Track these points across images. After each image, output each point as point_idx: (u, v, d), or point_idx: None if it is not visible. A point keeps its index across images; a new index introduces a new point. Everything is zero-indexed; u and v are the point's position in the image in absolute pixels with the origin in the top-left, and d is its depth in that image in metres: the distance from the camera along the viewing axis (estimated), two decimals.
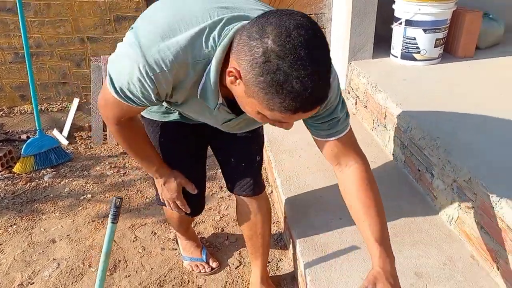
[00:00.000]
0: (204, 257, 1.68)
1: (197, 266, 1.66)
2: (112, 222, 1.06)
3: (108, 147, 2.60)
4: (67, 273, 1.67)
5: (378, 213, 1.01)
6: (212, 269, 1.67)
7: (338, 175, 1.10)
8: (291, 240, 1.64)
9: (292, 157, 2.03)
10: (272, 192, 2.13)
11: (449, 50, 2.52)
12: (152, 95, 0.88)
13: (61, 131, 2.63)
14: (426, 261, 1.39)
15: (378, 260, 0.96)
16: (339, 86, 1.03)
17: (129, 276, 1.66)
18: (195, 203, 1.39)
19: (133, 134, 1.15)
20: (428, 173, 1.66)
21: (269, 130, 2.28)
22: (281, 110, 0.76)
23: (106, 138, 2.66)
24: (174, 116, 1.22)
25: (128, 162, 2.46)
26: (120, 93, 0.91)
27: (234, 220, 1.96)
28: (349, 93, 2.57)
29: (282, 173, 1.90)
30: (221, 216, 2.00)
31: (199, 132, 1.28)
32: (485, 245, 1.34)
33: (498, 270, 1.29)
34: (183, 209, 1.36)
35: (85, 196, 2.13)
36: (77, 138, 2.66)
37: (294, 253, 1.56)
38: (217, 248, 1.80)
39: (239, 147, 1.33)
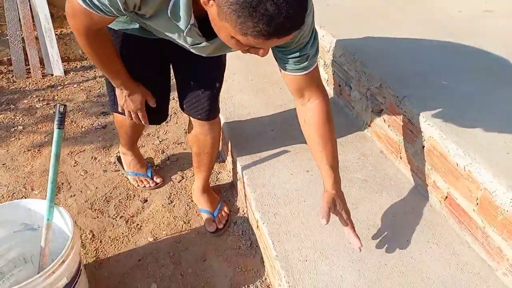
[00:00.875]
0: (149, 173, 1.75)
1: (142, 181, 1.73)
2: (58, 128, 1.07)
3: (33, 81, 2.45)
4: (9, 197, 1.65)
5: (333, 146, 1.13)
6: (156, 184, 1.74)
7: (299, 108, 1.15)
8: (229, 152, 1.76)
9: (226, 81, 2.09)
10: None
11: None
12: (120, 3, 0.85)
13: None
14: (343, 157, 1.59)
15: (332, 184, 1.12)
16: (314, 22, 1.01)
17: (74, 195, 1.69)
18: (157, 112, 1.40)
19: (102, 47, 1.11)
20: (347, 86, 1.84)
21: None
22: (254, 34, 0.71)
23: (30, 72, 2.49)
24: (135, 26, 1.18)
25: (57, 95, 2.35)
26: (88, 0, 0.87)
27: (173, 143, 2.03)
28: None
29: None
30: (161, 140, 2.05)
31: (161, 47, 1.24)
32: (391, 140, 1.57)
33: (401, 159, 1.53)
34: (143, 122, 1.37)
35: (15, 128, 2.04)
36: None
37: (233, 161, 1.69)
38: (160, 167, 1.87)
39: (201, 71, 1.31)
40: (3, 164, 1.81)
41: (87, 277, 1.30)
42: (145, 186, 1.72)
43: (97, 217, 1.59)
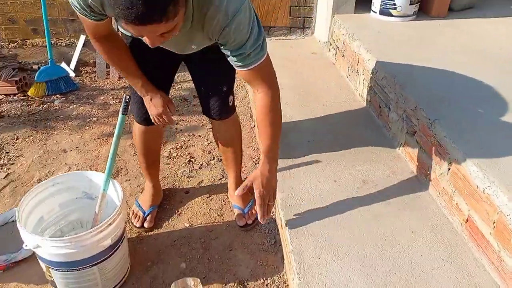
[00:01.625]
0: (147, 212, 1.66)
1: (136, 215, 1.66)
2: (122, 114, 1.27)
3: (111, 81, 2.79)
4: None
5: (268, 134, 1.23)
6: (141, 226, 1.63)
7: (253, 97, 1.27)
8: None
9: None
10: (255, 126, 2.35)
11: (424, 9, 2.69)
12: (84, 6, 1.02)
13: (68, 64, 2.79)
14: (373, 173, 1.64)
15: (261, 165, 1.25)
16: (252, 25, 1.07)
17: (129, 180, 1.91)
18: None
19: (113, 50, 1.24)
20: (387, 108, 1.89)
21: None
22: (119, 18, 0.82)
23: (109, 74, 2.84)
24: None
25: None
26: (77, 6, 1.04)
27: None
28: (330, 44, 2.74)
29: None
30: (209, 142, 2.23)
31: (169, 54, 1.30)
32: (421, 161, 1.59)
33: (429, 180, 1.54)
34: (170, 122, 1.42)
35: (91, 119, 2.35)
36: (82, 72, 2.84)
37: None
38: (205, 165, 2.04)
39: (208, 76, 1.43)
40: (76, 147, 2.10)
41: (128, 247, 1.48)
42: (132, 223, 1.65)
43: None
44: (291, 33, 3.01)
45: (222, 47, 1.12)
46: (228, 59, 1.15)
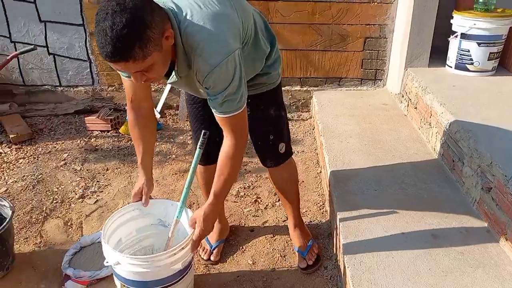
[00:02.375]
0: (213, 246, 1.80)
1: (203, 247, 1.80)
2: (199, 148, 1.42)
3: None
4: None
5: (224, 179, 1.31)
6: (208, 259, 1.76)
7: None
8: (331, 203, 1.94)
9: (341, 142, 2.32)
10: (321, 172, 2.43)
11: (504, 64, 2.64)
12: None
13: (155, 107, 3.16)
14: (444, 228, 1.61)
15: (206, 205, 1.35)
16: (233, 79, 1.16)
17: None
18: (208, 151, 1.54)
19: (140, 127, 1.42)
20: (460, 162, 1.86)
21: (324, 120, 2.59)
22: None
23: None
24: None
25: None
26: None
27: None
28: (402, 96, 2.79)
29: (330, 153, 2.20)
30: None
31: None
32: (497, 220, 1.53)
33: (506, 240, 1.48)
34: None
35: (170, 156, 2.61)
36: (166, 114, 3.18)
37: (333, 212, 1.86)
38: (271, 206, 2.14)
39: (255, 127, 1.49)
40: (156, 181, 2.34)
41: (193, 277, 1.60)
42: (200, 255, 1.78)
43: None
44: (362, 84, 3.12)
45: (204, 88, 1.21)
46: (208, 101, 1.25)
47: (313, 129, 2.95)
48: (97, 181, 2.33)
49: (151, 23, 1.01)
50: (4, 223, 1.62)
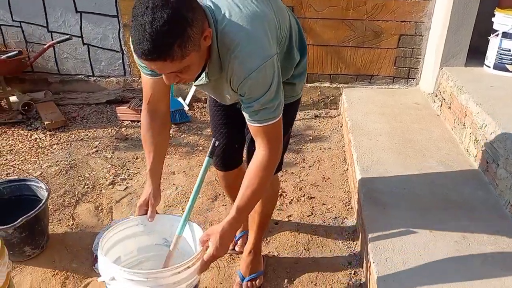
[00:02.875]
0: (238, 236, 1.80)
1: None
2: (209, 156, 1.31)
3: None
4: (182, 194, 2.19)
5: (249, 193, 1.19)
6: (233, 249, 1.78)
7: (255, 150, 1.22)
8: (359, 200, 1.95)
9: (370, 140, 2.32)
10: (347, 169, 2.43)
11: None
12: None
13: (184, 99, 3.24)
14: (474, 229, 1.59)
15: (226, 221, 1.19)
16: (270, 86, 1.09)
17: (225, 205, 2.12)
18: (226, 157, 1.58)
19: (153, 131, 1.30)
20: (495, 163, 1.83)
21: (353, 117, 2.59)
22: (134, 54, 0.96)
23: None
24: None
25: None
26: (135, 54, 1.01)
27: (311, 184, 2.31)
28: (436, 96, 2.74)
29: (359, 150, 2.20)
30: (300, 180, 2.36)
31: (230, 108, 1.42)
32: None
33: None
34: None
35: (197, 147, 2.67)
36: (195, 107, 3.25)
37: (359, 208, 1.86)
38: (296, 200, 2.16)
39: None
40: (184, 171, 2.41)
41: None
42: None
43: None
44: (394, 82, 3.08)
45: (239, 96, 1.15)
46: (241, 109, 1.17)
47: (341, 127, 2.94)
48: (127, 169, 2.42)
49: (193, 21, 0.95)
50: (41, 204, 1.72)
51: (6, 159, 2.49)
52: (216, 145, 1.35)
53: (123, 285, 1.13)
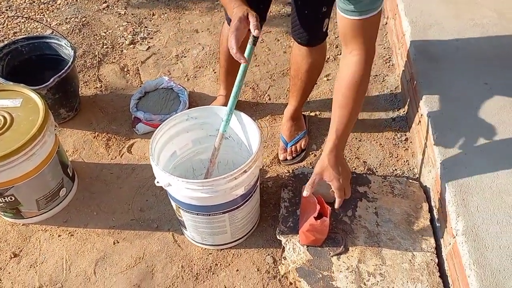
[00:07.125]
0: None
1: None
2: (251, 44, 1.12)
3: None
4: (209, 55, 2.12)
5: (349, 114, 1.11)
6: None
7: (341, 59, 1.15)
8: (408, 54, 1.90)
9: None
10: (386, 23, 2.31)
11: None
12: None
13: None
14: None
15: (330, 149, 1.11)
16: None
17: (258, 65, 2.07)
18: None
19: None
20: None
21: None
22: None
23: None
24: None
25: None
26: None
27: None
28: None
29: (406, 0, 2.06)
30: (336, 37, 2.26)
31: None
32: None
33: None
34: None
35: (218, 2, 2.49)
36: None
37: (408, 61, 1.83)
38: (332, 60, 2.11)
39: None
40: (207, 29, 2.28)
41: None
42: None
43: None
44: None
45: None
46: (338, 1, 1.05)
47: None
48: (145, 27, 2.29)
49: None
50: (69, 63, 1.66)
51: (7, 16, 2.32)
52: (256, 36, 1.10)
53: (181, 192, 1.16)
